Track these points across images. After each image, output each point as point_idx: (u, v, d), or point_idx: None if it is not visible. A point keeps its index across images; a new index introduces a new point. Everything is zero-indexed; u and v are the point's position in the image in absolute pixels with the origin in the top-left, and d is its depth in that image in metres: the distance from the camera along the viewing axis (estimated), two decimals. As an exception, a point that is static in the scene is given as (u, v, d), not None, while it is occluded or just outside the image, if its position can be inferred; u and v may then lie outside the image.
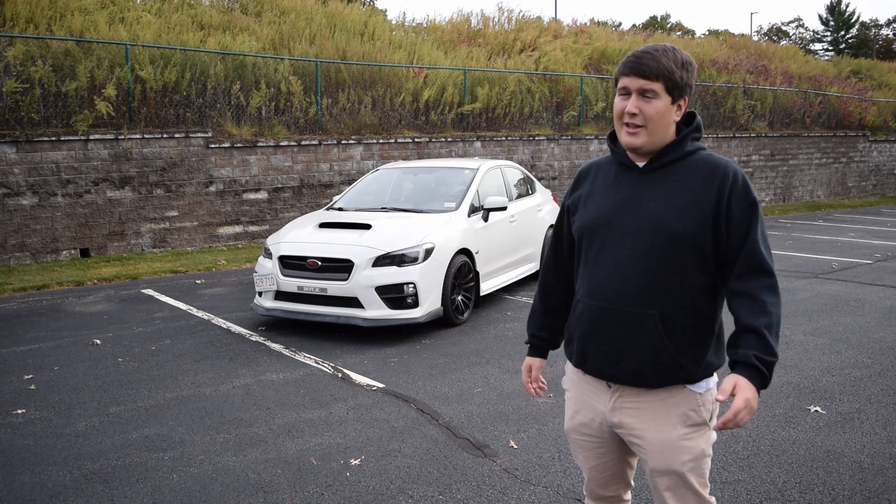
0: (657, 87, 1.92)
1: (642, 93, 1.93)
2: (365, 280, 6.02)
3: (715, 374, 2.06)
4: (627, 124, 1.96)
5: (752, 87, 19.06)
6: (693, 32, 48.69)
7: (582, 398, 2.17)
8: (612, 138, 2.12)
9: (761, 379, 1.83)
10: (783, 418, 4.27)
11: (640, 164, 2.04)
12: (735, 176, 1.95)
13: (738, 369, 1.86)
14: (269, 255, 6.56)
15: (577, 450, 2.23)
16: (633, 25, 40.53)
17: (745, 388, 1.81)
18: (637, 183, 2.02)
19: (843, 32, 58.21)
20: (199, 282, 8.82)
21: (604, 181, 2.11)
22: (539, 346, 2.35)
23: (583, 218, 2.11)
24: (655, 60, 1.92)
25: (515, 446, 3.91)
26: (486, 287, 7.13)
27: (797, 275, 8.97)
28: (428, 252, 6.23)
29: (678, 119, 2.00)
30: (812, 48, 55.33)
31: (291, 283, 6.27)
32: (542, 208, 8.61)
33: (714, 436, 2.06)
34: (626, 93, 1.96)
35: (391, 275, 6.06)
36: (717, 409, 2.06)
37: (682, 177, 1.98)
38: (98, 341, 6.14)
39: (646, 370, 1.98)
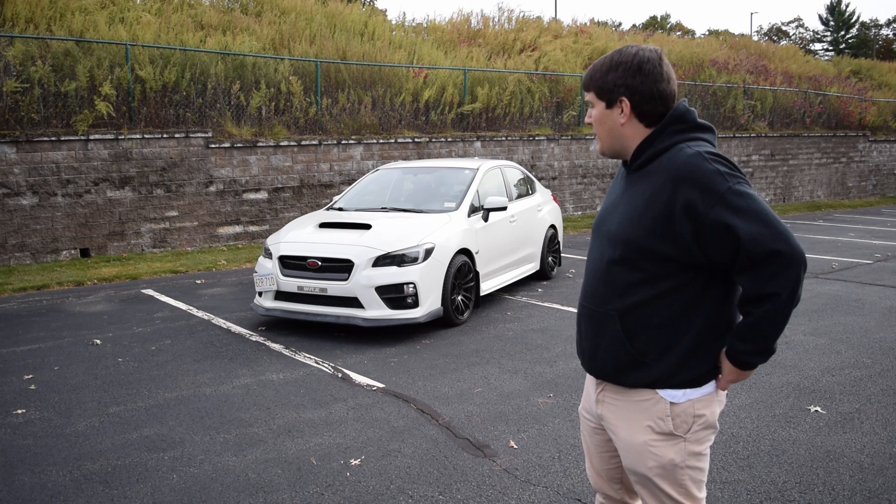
0: (590, 97, 2.05)
1: (588, 105, 2.08)
2: (365, 280, 6.02)
3: (708, 386, 1.95)
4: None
5: (752, 87, 19.05)
6: (693, 32, 48.68)
7: (588, 384, 2.24)
8: None
9: (744, 364, 1.91)
10: (783, 418, 4.27)
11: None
12: (689, 177, 1.82)
13: (728, 357, 1.94)
14: (269, 255, 6.56)
15: (583, 431, 2.28)
16: (633, 25, 40.53)
17: (729, 371, 1.95)
18: (624, 185, 2.07)
19: (843, 32, 58.20)
20: (199, 282, 8.82)
21: (615, 181, 2.20)
22: None
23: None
24: (588, 74, 2.05)
25: (515, 446, 3.91)
26: (486, 287, 7.13)
27: (797, 275, 8.96)
28: (428, 252, 6.23)
29: (625, 121, 1.97)
30: (812, 48, 55.32)
31: (291, 283, 6.27)
32: (542, 208, 8.61)
33: (697, 448, 1.96)
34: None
35: (391, 275, 6.06)
36: (697, 427, 1.95)
37: (649, 178, 1.93)
38: (98, 341, 6.14)
39: (608, 368, 2.02)
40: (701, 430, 1.96)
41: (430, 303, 6.21)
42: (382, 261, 6.10)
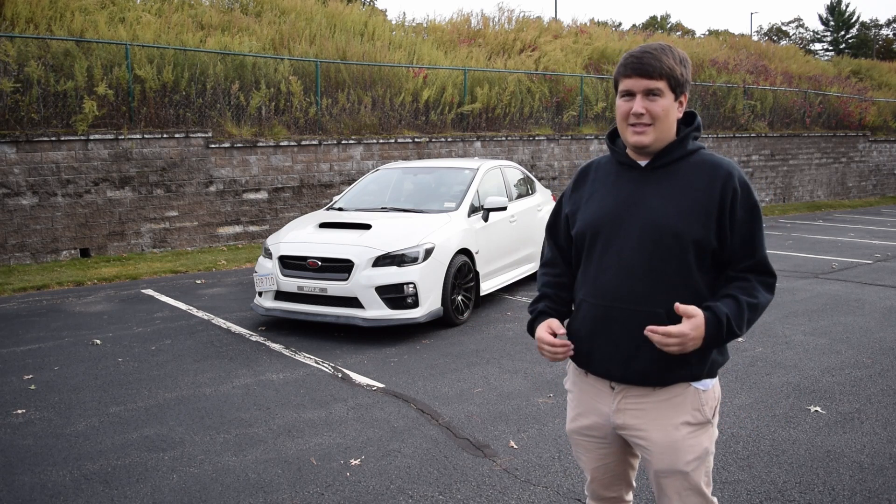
0: (661, 85, 1.92)
1: (648, 93, 1.92)
2: (365, 280, 6.02)
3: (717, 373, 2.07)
4: (634, 124, 1.95)
5: (752, 87, 19.05)
6: (693, 32, 48.68)
7: (585, 400, 2.15)
8: (612, 138, 2.11)
9: (715, 332, 1.87)
10: (783, 418, 4.27)
11: (642, 162, 2.03)
12: (739, 178, 1.95)
13: (706, 312, 1.89)
14: (269, 255, 6.56)
15: (579, 451, 2.22)
16: (633, 25, 40.54)
17: (696, 324, 1.85)
18: (639, 182, 2.01)
19: (843, 32, 58.22)
20: (199, 282, 8.82)
21: (604, 181, 2.09)
22: (551, 314, 2.19)
23: (584, 218, 2.08)
24: (657, 59, 1.91)
25: (515, 446, 3.91)
26: (486, 287, 7.13)
27: (797, 275, 8.97)
28: (428, 252, 6.23)
29: (680, 116, 2.01)
30: (812, 48, 55.33)
31: (291, 283, 6.27)
32: (542, 208, 8.60)
33: (716, 433, 2.07)
34: (630, 94, 1.95)
35: (391, 275, 6.06)
36: (718, 407, 2.07)
37: (684, 176, 1.98)
38: (98, 341, 6.14)
39: (654, 369, 1.98)
40: (717, 410, 2.06)
41: (430, 303, 6.21)
42: (382, 261, 6.10)
